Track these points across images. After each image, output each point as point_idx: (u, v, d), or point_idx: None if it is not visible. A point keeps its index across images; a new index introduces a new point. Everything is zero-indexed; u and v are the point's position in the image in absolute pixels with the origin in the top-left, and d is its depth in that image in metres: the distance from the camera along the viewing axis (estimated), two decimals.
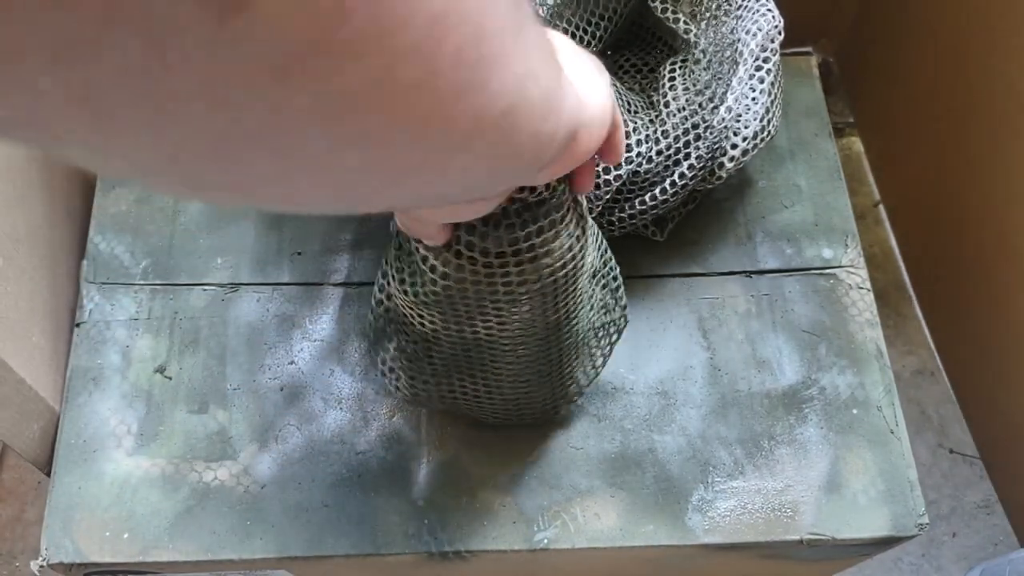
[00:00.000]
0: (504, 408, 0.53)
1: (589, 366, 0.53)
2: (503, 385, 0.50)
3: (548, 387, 0.51)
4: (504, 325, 0.44)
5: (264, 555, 0.53)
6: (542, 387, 0.51)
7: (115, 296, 0.61)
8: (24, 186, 0.59)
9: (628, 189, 0.56)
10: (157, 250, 0.62)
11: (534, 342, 0.46)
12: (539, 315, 0.43)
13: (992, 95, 0.69)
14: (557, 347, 0.47)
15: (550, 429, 0.57)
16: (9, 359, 0.52)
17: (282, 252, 0.63)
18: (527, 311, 0.42)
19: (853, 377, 0.59)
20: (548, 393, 0.52)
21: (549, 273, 0.41)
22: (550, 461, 0.56)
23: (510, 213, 0.38)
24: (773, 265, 0.63)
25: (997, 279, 0.73)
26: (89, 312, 0.60)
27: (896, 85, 0.85)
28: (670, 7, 0.57)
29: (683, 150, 0.56)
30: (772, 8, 0.57)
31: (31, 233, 0.59)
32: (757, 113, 0.56)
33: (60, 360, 0.59)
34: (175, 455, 0.56)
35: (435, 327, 0.45)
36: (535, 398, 0.52)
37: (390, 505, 0.55)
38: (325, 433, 0.57)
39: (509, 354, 0.46)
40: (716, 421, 0.58)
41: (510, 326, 0.44)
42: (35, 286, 0.57)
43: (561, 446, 0.57)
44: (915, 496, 0.56)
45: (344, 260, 0.62)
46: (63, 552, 0.53)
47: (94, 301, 0.61)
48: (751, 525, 0.55)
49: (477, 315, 0.43)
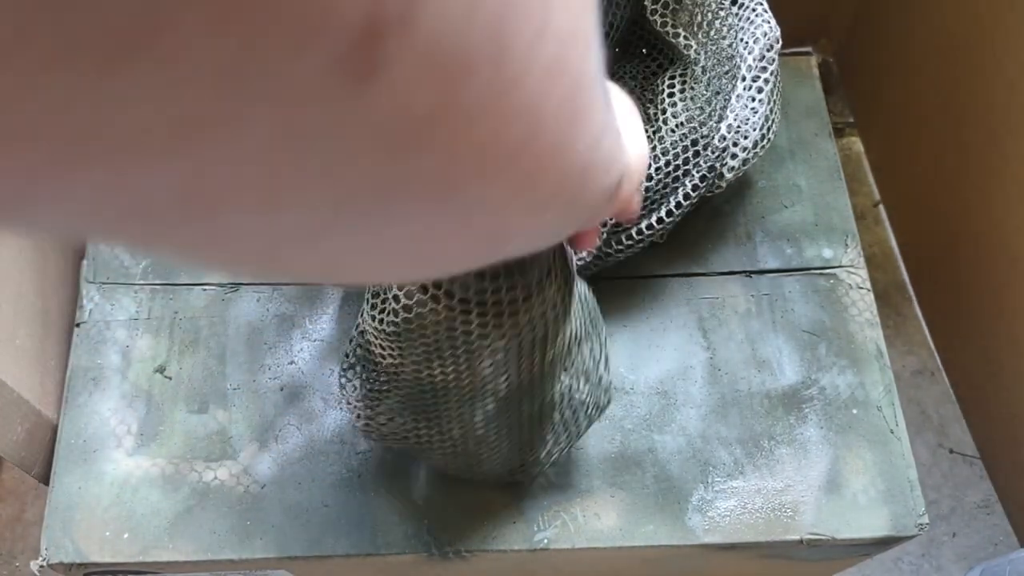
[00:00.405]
0: (455, 463, 0.50)
1: (552, 442, 0.51)
2: (456, 439, 0.47)
3: (505, 452, 0.49)
4: (461, 376, 0.41)
5: (264, 555, 0.53)
6: (499, 450, 0.48)
7: (115, 296, 0.61)
8: None
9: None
10: None
11: (492, 401, 0.43)
12: (501, 374, 0.41)
13: (992, 95, 0.69)
14: (518, 412, 0.45)
15: None
16: None
17: None
18: (488, 367, 0.40)
19: (853, 377, 0.59)
20: (504, 458, 0.50)
21: (515, 335, 0.37)
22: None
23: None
24: (773, 265, 0.63)
25: (997, 279, 0.73)
26: (89, 312, 0.60)
27: (896, 85, 0.85)
28: (669, 20, 0.56)
29: (683, 167, 0.56)
30: (770, 18, 0.56)
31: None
32: (756, 123, 0.56)
33: (48, 362, 0.59)
34: (175, 455, 0.56)
35: (394, 362, 0.42)
36: (491, 459, 0.49)
37: (390, 505, 0.55)
38: (325, 433, 0.57)
39: (466, 407, 0.44)
40: (716, 421, 0.58)
41: (469, 379, 0.41)
42: (20, 289, 0.57)
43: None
44: (915, 496, 0.56)
45: None
46: (63, 552, 0.53)
47: (94, 301, 0.61)
48: (751, 525, 0.55)
49: (435, 359, 0.40)
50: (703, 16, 0.56)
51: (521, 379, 0.42)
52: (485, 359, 0.39)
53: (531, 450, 0.51)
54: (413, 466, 0.56)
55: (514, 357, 0.40)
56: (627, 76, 0.62)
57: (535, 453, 0.51)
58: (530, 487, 0.55)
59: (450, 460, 0.51)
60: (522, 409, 0.45)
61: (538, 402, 0.46)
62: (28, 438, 0.56)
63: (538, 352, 0.40)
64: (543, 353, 0.41)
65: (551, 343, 0.40)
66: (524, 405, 0.45)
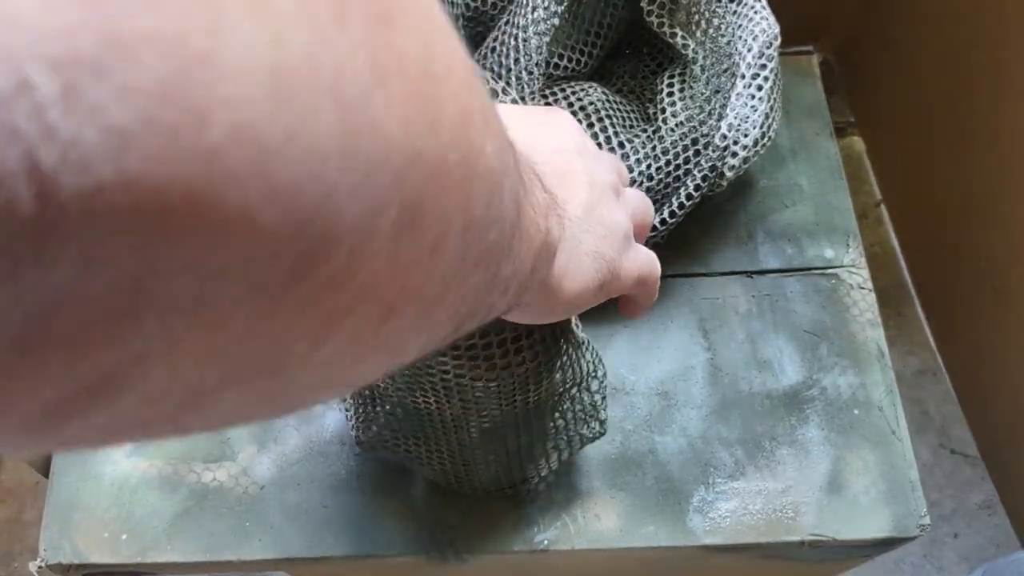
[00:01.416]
0: (446, 478, 0.51)
1: (546, 467, 0.52)
2: (444, 458, 0.48)
3: (493, 474, 0.50)
4: (443, 407, 0.41)
5: (263, 556, 0.53)
6: (488, 471, 0.49)
7: None
8: None
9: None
10: None
11: (477, 431, 0.43)
12: (481, 411, 0.41)
13: (994, 94, 0.69)
14: (503, 443, 0.45)
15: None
16: None
17: None
18: (468, 403, 0.40)
19: (854, 377, 0.59)
20: (494, 478, 0.50)
21: (492, 379, 0.37)
22: None
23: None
24: (774, 265, 0.63)
25: (999, 279, 0.73)
26: None
27: (897, 84, 0.85)
28: (666, 20, 0.56)
29: (683, 166, 0.55)
30: (768, 15, 0.56)
31: None
32: (756, 121, 0.56)
33: None
34: (174, 456, 0.56)
35: (381, 384, 0.43)
36: (480, 479, 0.50)
37: (389, 506, 0.54)
38: (325, 434, 0.57)
39: (451, 433, 0.44)
40: (717, 422, 0.57)
41: (450, 410, 0.41)
42: None
43: None
44: (917, 497, 0.56)
45: None
46: (61, 553, 0.53)
47: None
48: (752, 526, 0.54)
49: (417, 389, 0.40)
50: (700, 15, 0.56)
51: (504, 417, 0.42)
52: (465, 395, 0.39)
53: (520, 472, 0.51)
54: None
55: (494, 397, 0.39)
56: (627, 76, 0.62)
57: (524, 475, 0.51)
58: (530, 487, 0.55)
59: (440, 474, 0.51)
60: (507, 441, 0.45)
61: (525, 437, 0.46)
62: None
63: (519, 394, 0.40)
64: (525, 395, 0.40)
65: (534, 387, 0.40)
66: (510, 438, 0.45)
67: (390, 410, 0.46)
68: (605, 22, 0.57)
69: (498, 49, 0.51)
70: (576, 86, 0.57)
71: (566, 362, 0.42)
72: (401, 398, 0.43)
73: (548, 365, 0.39)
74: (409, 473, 0.55)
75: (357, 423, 0.49)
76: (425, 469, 0.51)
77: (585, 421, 0.49)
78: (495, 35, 0.52)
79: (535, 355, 0.37)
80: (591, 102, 0.56)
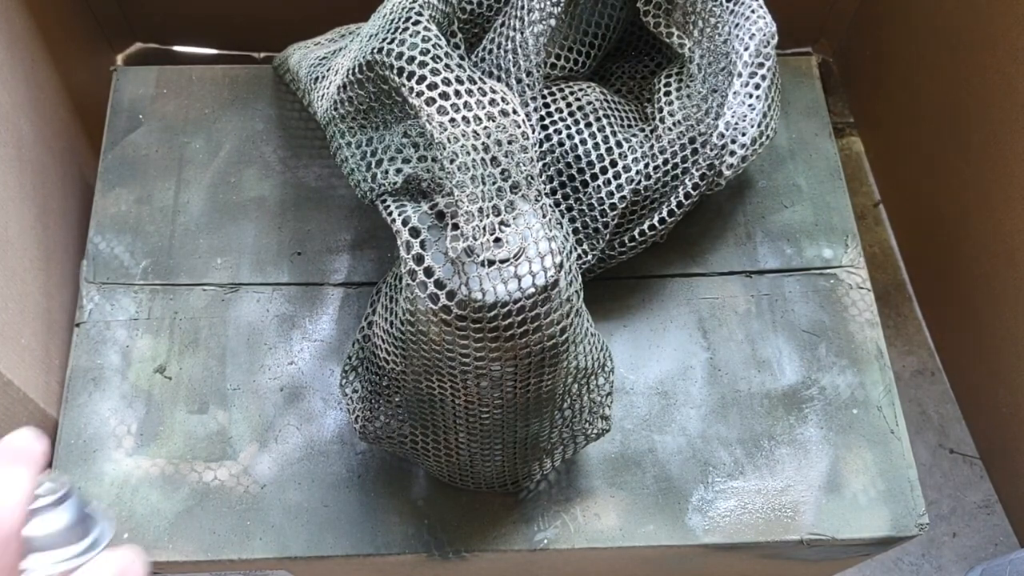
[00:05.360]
0: (450, 471, 0.51)
1: (549, 463, 0.52)
2: (450, 449, 0.48)
3: (498, 466, 0.50)
4: (457, 392, 0.42)
5: (264, 555, 0.53)
6: (492, 464, 0.49)
7: (115, 296, 0.61)
8: (16, 187, 0.59)
9: (631, 210, 0.56)
10: (157, 250, 0.62)
11: (488, 419, 0.44)
12: (496, 396, 0.41)
13: (993, 94, 0.69)
14: (512, 432, 0.46)
15: None
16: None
17: (282, 252, 0.63)
18: (484, 387, 0.40)
19: (853, 377, 0.59)
20: (498, 471, 0.51)
21: (512, 359, 0.38)
22: None
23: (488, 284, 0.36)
24: (773, 265, 0.63)
25: (997, 279, 0.73)
26: (89, 312, 0.60)
27: (896, 85, 0.85)
28: (662, 20, 0.56)
29: (681, 165, 0.56)
30: (765, 15, 0.56)
31: (22, 234, 0.58)
32: (754, 120, 0.56)
33: (52, 362, 0.59)
34: (175, 455, 0.56)
35: (398, 368, 0.43)
36: (484, 472, 0.50)
37: (390, 505, 0.55)
38: (325, 433, 0.57)
39: (461, 421, 0.45)
40: (716, 421, 0.58)
41: (464, 395, 0.42)
42: (26, 288, 0.57)
43: None
44: (915, 496, 0.56)
45: (344, 260, 0.62)
46: None
47: (94, 301, 0.61)
48: (751, 525, 0.55)
49: (434, 373, 0.41)
50: (697, 14, 0.56)
51: (517, 402, 0.42)
52: (481, 379, 0.40)
53: (524, 466, 0.51)
54: (413, 466, 0.56)
55: (510, 380, 0.40)
56: (625, 76, 0.62)
57: (528, 469, 0.51)
58: (530, 486, 0.55)
59: (444, 468, 0.51)
60: (516, 430, 0.46)
61: (534, 426, 0.46)
62: None
63: (533, 379, 0.41)
64: (539, 381, 0.41)
65: (549, 373, 0.41)
66: (519, 427, 0.45)
67: (399, 401, 0.46)
68: (602, 23, 0.57)
69: (495, 51, 0.51)
70: (574, 86, 0.57)
71: (580, 348, 0.42)
72: (415, 383, 0.43)
73: (567, 346, 0.40)
74: (410, 472, 0.56)
75: (362, 415, 0.49)
76: (429, 463, 0.51)
77: (590, 420, 0.50)
78: (491, 36, 0.52)
79: (552, 336, 0.38)
80: (589, 102, 0.56)
